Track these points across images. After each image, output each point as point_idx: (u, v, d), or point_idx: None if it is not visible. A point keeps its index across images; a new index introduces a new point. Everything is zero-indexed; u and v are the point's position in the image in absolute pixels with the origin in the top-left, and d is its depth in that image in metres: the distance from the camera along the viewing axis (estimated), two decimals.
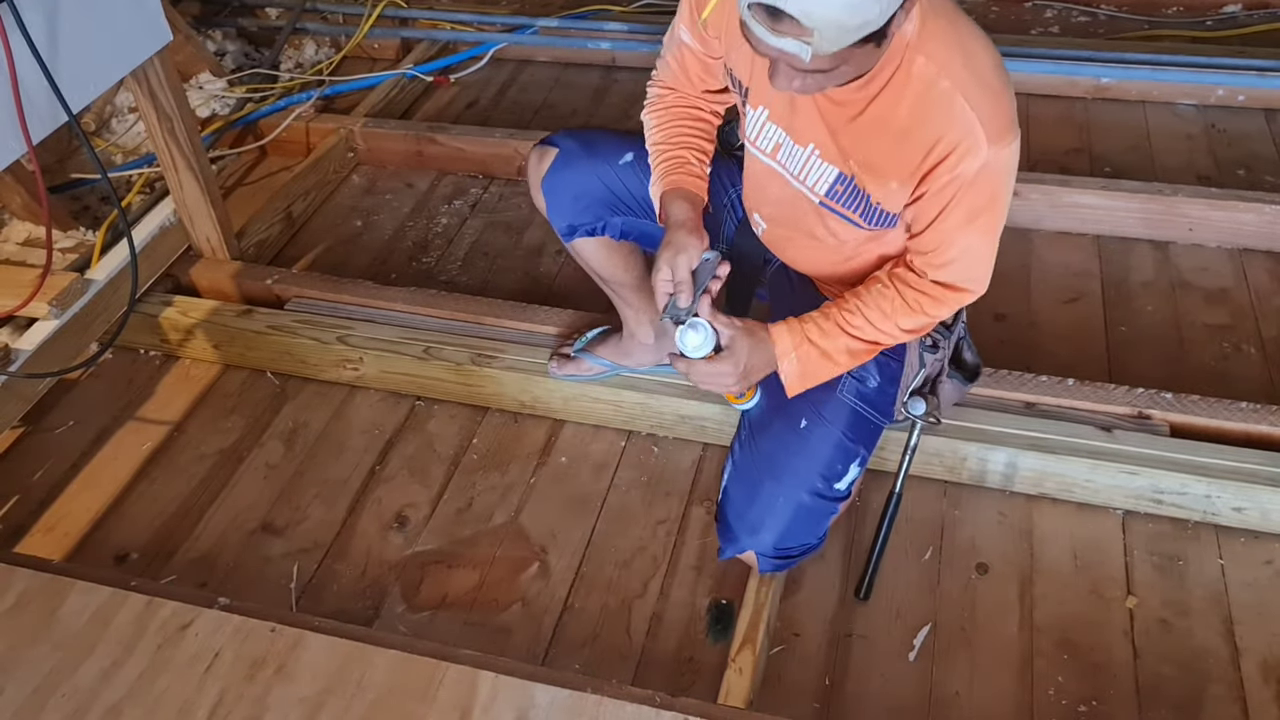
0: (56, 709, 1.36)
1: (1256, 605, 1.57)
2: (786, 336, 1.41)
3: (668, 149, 1.50)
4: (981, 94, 1.21)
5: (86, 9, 1.62)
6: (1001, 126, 1.22)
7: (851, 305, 1.40)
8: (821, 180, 1.37)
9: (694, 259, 1.40)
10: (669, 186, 1.48)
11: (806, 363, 1.41)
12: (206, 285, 2.18)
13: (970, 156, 1.22)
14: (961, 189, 1.25)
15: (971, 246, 1.32)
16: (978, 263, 1.35)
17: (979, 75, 1.22)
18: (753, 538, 1.50)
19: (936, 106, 1.22)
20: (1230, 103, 2.64)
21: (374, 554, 1.73)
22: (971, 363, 1.60)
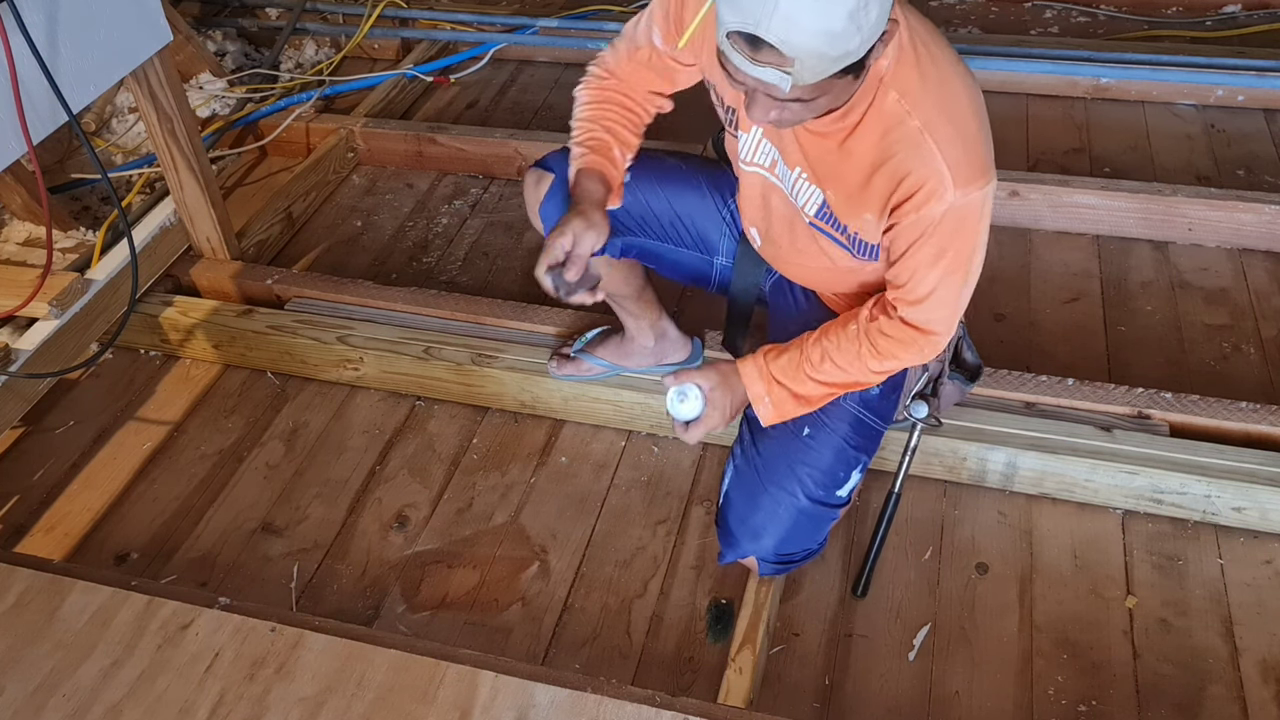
0: (57, 709, 1.36)
1: (1256, 605, 1.57)
2: (758, 381, 1.44)
3: (594, 130, 1.48)
4: (952, 136, 1.20)
5: (86, 9, 1.62)
6: (971, 171, 1.21)
7: (821, 350, 1.41)
8: (810, 201, 1.37)
9: (599, 241, 1.40)
10: (589, 165, 1.46)
11: (779, 404, 1.45)
12: (207, 285, 2.18)
13: (935, 200, 1.21)
14: (926, 228, 1.24)
15: (939, 285, 1.31)
16: (944, 304, 1.34)
17: (952, 116, 1.21)
18: (754, 543, 1.50)
19: (904, 145, 1.21)
20: (1230, 103, 2.64)
21: (374, 554, 1.73)
22: (972, 363, 1.60)
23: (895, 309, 1.35)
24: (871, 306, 1.39)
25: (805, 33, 1.03)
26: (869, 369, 1.40)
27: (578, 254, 1.38)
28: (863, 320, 1.39)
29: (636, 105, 1.51)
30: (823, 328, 1.43)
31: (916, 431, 1.57)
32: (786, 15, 1.02)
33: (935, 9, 3.20)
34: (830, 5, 1.02)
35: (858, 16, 1.03)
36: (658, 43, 1.43)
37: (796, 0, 1.01)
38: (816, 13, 1.02)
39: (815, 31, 1.03)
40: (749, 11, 1.03)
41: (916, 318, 1.34)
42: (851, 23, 1.03)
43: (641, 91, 1.51)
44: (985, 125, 1.24)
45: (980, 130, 1.23)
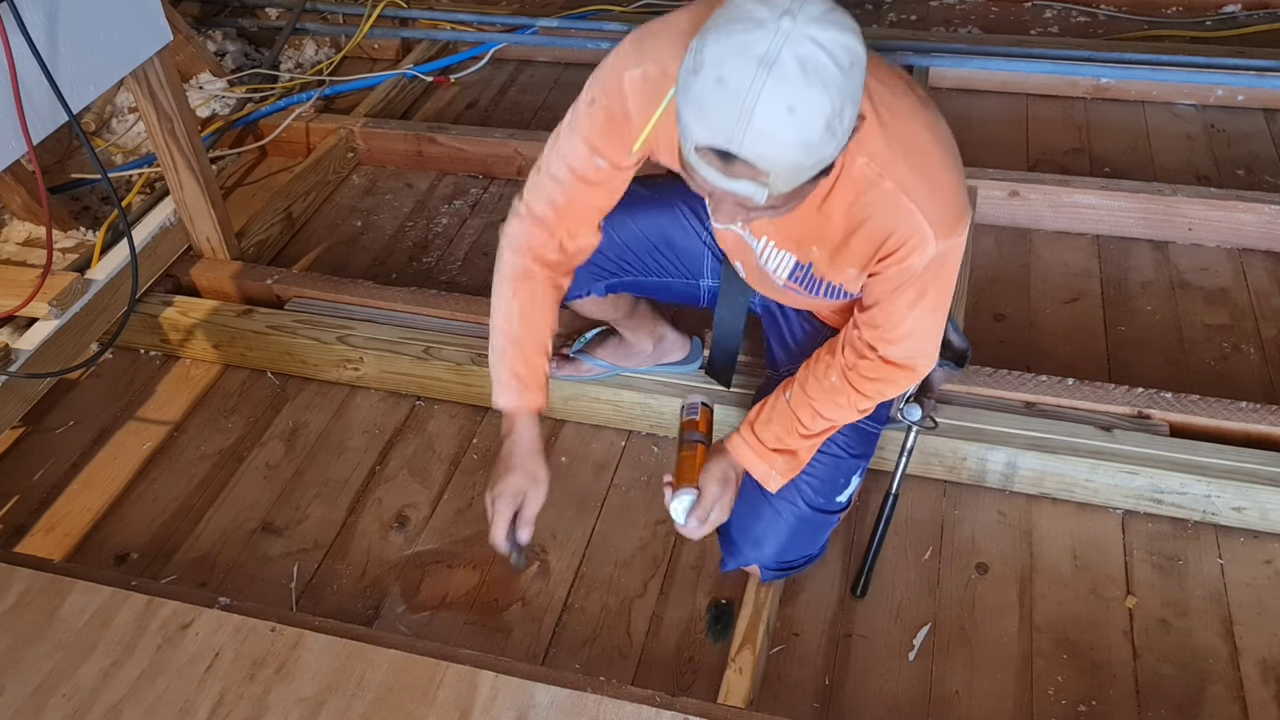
0: (56, 709, 1.36)
1: (1256, 605, 1.57)
2: (759, 461, 1.45)
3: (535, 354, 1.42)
4: (927, 191, 1.18)
5: (86, 9, 1.62)
6: (949, 220, 1.20)
7: (808, 411, 1.41)
8: (781, 266, 1.37)
9: (544, 496, 1.42)
10: (528, 405, 1.43)
11: (786, 471, 1.45)
12: (207, 285, 2.18)
13: (919, 252, 1.20)
14: (910, 276, 1.24)
15: (919, 324, 1.31)
16: (926, 340, 1.34)
17: (924, 171, 1.18)
18: (755, 551, 1.51)
19: (881, 207, 1.19)
20: (1230, 103, 2.64)
21: (374, 554, 1.73)
22: (959, 346, 1.60)
23: (875, 349, 1.34)
24: (845, 351, 1.37)
25: (781, 147, 0.98)
26: (858, 409, 1.40)
27: (525, 516, 1.41)
28: (841, 367, 1.38)
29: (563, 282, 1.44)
30: (800, 380, 1.43)
31: (913, 432, 1.57)
32: (761, 131, 0.96)
33: (935, 9, 3.20)
34: (807, 117, 0.96)
35: (834, 125, 0.98)
36: (601, 164, 1.32)
37: (771, 114, 0.96)
38: (793, 126, 0.97)
39: (791, 145, 0.98)
40: (720, 127, 0.97)
41: (896, 355, 1.34)
42: (828, 131, 0.98)
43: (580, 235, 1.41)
44: (956, 168, 1.21)
45: (953, 177, 1.20)
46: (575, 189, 1.35)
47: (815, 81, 0.96)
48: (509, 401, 1.44)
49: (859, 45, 0.99)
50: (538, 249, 1.40)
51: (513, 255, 1.41)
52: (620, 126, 1.28)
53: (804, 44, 0.95)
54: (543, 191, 1.37)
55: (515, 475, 1.42)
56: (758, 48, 0.95)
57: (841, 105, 0.98)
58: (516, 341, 1.42)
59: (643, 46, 1.25)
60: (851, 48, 0.98)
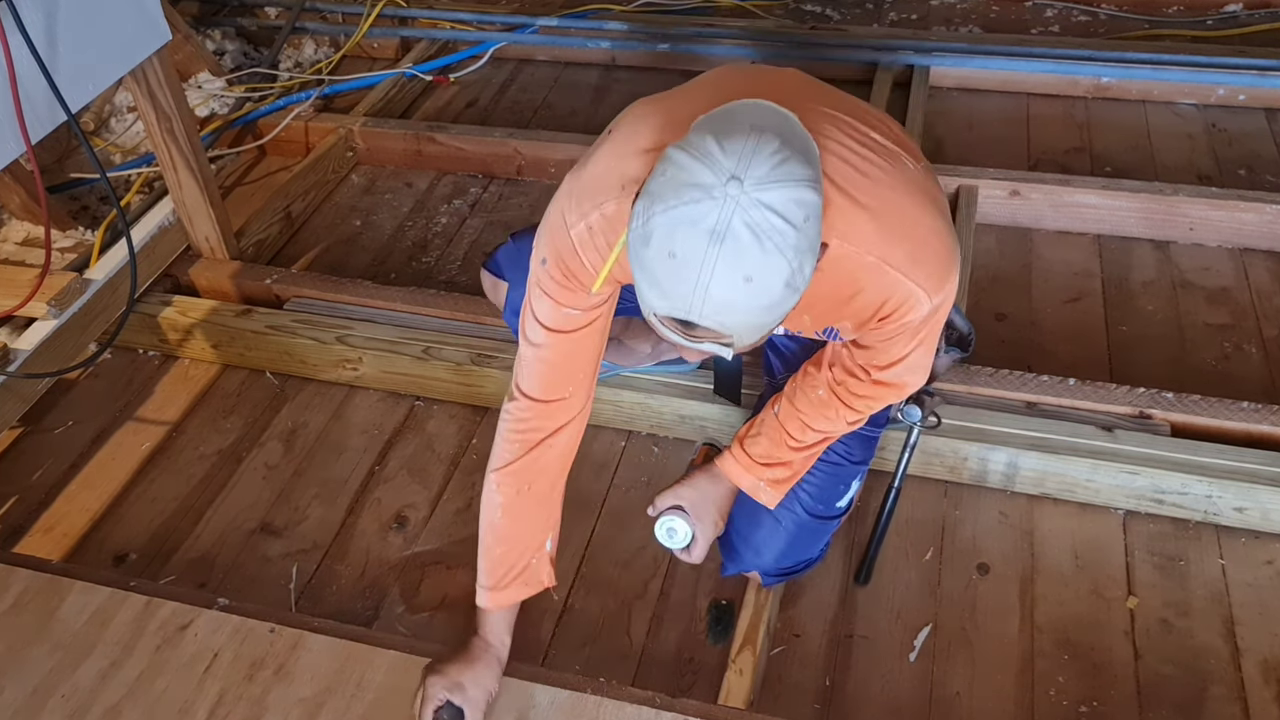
0: (56, 709, 1.36)
1: (1257, 605, 1.56)
2: (747, 475, 1.45)
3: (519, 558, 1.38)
4: (911, 257, 1.14)
5: (86, 9, 1.62)
6: (939, 277, 1.17)
7: (796, 424, 1.40)
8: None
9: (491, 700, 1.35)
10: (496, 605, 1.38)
11: (774, 485, 1.45)
12: (205, 285, 2.18)
13: (914, 312, 1.18)
14: (910, 330, 1.23)
15: (914, 353, 1.29)
16: (919, 366, 1.32)
17: (903, 235, 1.14)
18: (756, 558, 1.51)
19: (868, 276, 1.15)
20: (1231, 102, 2.63)
21: (374, 554, 1.73)
22: (962, 328, 1.59)
23: (866, 372, 1.33)
24: (834, 368, 1.36)
25: (741, 313, 0.94)
26: (848, 422, 1.40)
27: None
28: (828, 382, 1.36)
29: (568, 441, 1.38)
30: (788, 395, 1.42)
31: (916, 430, 1.56)
32: (719, 302, 0.93)
33: (935, 8, 3.20)
34: (764, 283, 0.93)
35: (794, 281, 0.95)
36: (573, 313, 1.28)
37: (728, 286, 0.92)
38: (751, 294, 0.93)
39: (752, 310, 0.95)
40: (678, 300, 0.94)
41: (887, 377, 1.32)
42: (788, 289, 0.95)
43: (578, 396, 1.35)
44: (936, 220, 1.17)
45: (935, 233, 1.16)
46: (559, 346, 1.30)
47: (770, 248, 0.92)
48: (481, 599, 1.39)
49: (811, 194, 0.94)
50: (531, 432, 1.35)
51: (500, 449, 1.36)
52: (579, 276, 1.24)
53: (754, 210, 0.91)
54: (529, 367, 1.33)
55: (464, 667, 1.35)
56: (706, 220, 0.91)
57: (800, 262, 0.94)
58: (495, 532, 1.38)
59: (579, 202, 1.20)
60: (804, 200, 0.93)
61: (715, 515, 1.48)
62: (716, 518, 1.48)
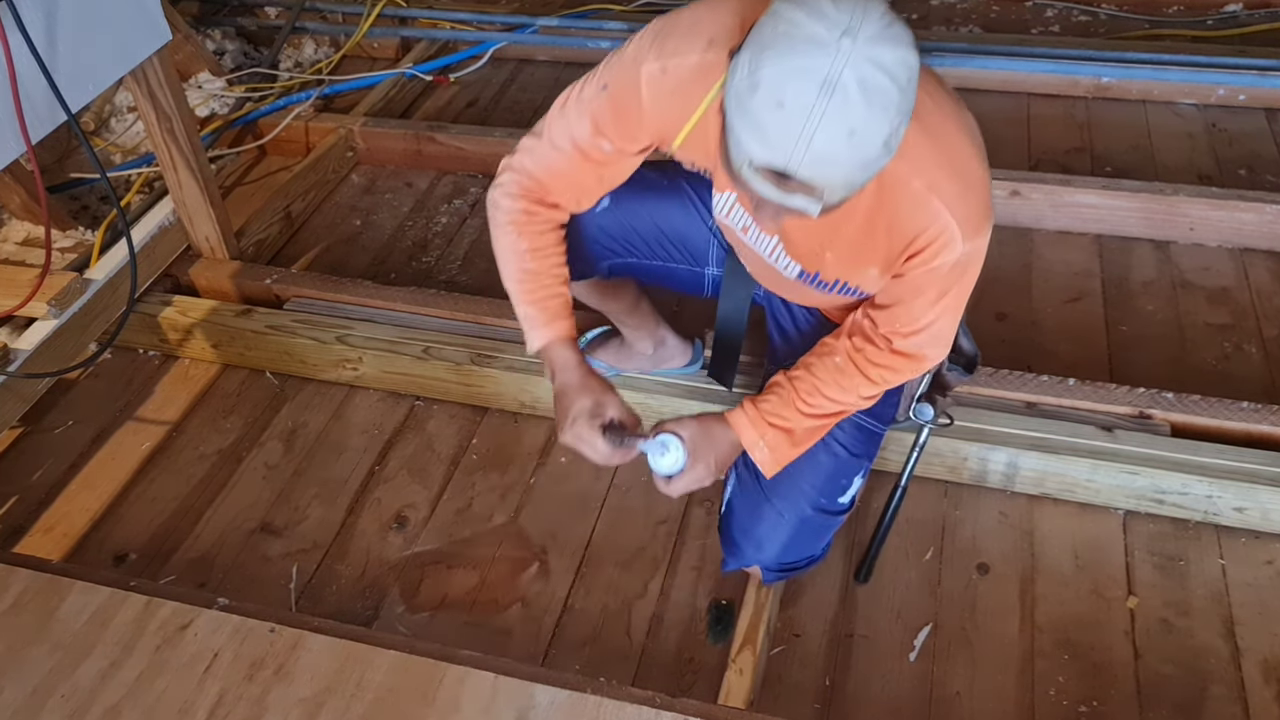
0: (56, 709, 1.35)
1: (1257, 605, 1.56)
2: (750, 428, 1.39)
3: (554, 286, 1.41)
4: (956, 191, 1.16)
5: (86, 8, 1.62)
6: (977, 221, 1.19)
7: (808, 386, 1.38)
8: (790, 267, 1.36)
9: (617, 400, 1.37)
10: (565, 333, 1.40)
11: (775, 449, 1.40)
12: (206, 285, 2.18)
13: (946, 251, 1.19)
14: (938, 278, 1.23)
15: (938, 319, 1.30)
16: (940, 337, 1.33)
17: (955, 168, 1.17)
18: (757, 552, 1.50)
19: (911, 207, 1.17)
20: (1231, 102, 2.63)
21: (374, 554, 1.73)
22: (969, 351, 1.59)
23: (890, 341, 1.33)
24: (853, 336, 1.36)
25: (839, 167, 0.98)
26: (860, 396, 1.38)
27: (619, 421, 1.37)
28: (846, 350, 1.36)
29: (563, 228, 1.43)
30: (803, 363, 1.41)
31: (926, 430, 1.56)
32: (821, 154, 0.96)
33: (936, 8, 3.20)
34: (866, 139, 0.96)
35: (890, 141, 0.99)
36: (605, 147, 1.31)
37: (832, 139, 0.95)
38: (852, 149, 0.96)
39: (850, 165, 0.98)
40: (780, 150, 0.97)
41: (907, 346, 1.32)
42: (885, 148, 0.99)
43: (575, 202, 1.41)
44: (986, 170, 1.21)
45: (983, 179, 1.20)
46: (575, 161, 1.33)
47: (876, 104, 0.95)
48: (540, 338, 1.41)
49: (914, 57, 0.98)
50: (534, 196, 1.38)
51: (510, 201, 1.38)
52: (630, 116, 1.26)
53: (865, 66, 0.94)
54: (540, 156, 1.35)
55: (577, 401, 1.36)
56: (818, 71, 0.94)
57: (899, 123, 0.99)
58: (533, 275, 1.40)
59: (664, 43, 1.23)
60: (909, 62, 0.97)
61: (712, 461, 1.39)
62: (713, 463, 1.39)
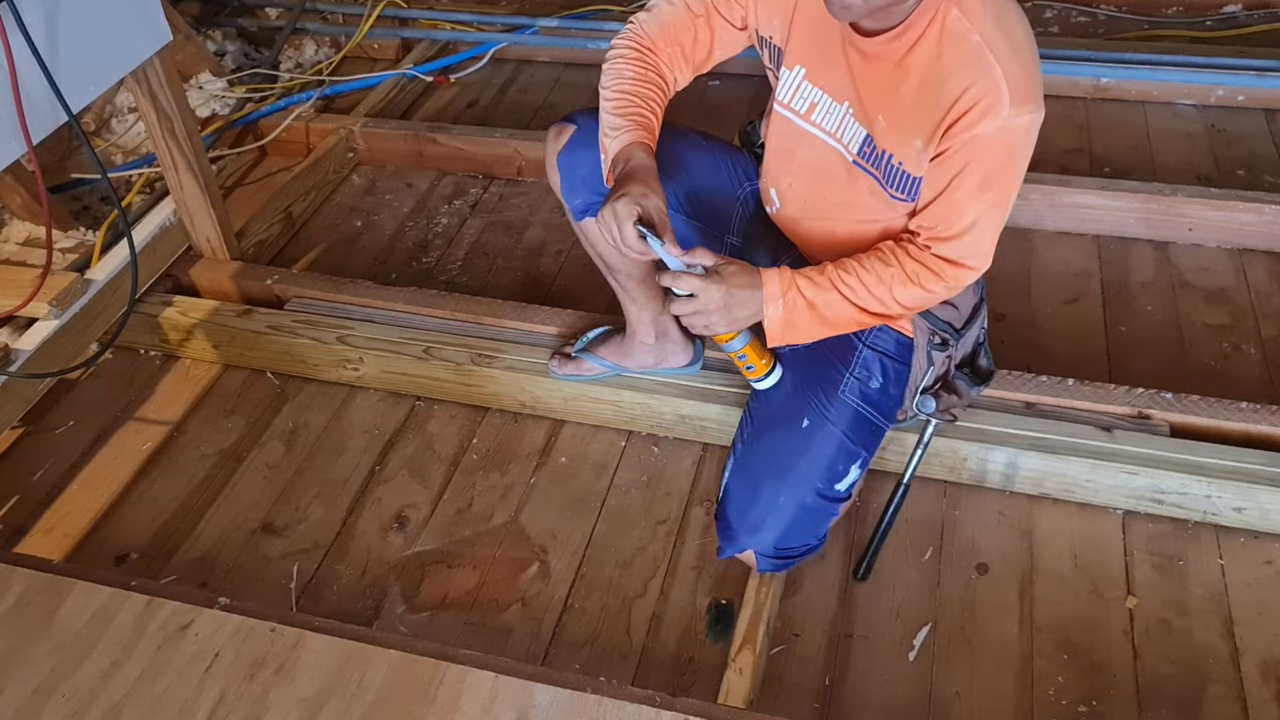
0: (56, 709, 1.36)
1: (1256, 605, 1.57)
2: (776, 281, 1.36)
3: (640, 106, 1.42)
4: (1011, 54, 1.23)
5: (86, 9, 1.62)
6: (1026, 90, 1.23)
7: (849, 265, 1.38)
8: (855, 139, 1.38)
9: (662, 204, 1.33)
10: (645, 140, 1.39)
11: (792, 311, 1.37)
12: (206, 285, 2.18)
13: (991, 114, 1.22)
14: (978, 150, 1.25)
15: (980, 219, 1.31)
16: (983, 237, 1.34)
17: (1010, 37, 1.24)
18: (753, 537, 1.50)
19: (965, 59, 1.23)
20: (1230, 103, 2.64)
21: (374, 554, 1.73)
22: (985, 369, 1.60)
23: (929, 247, 1.35)
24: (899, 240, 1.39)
25: None
26: (895, 298, 1.37)
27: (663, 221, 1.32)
28: (889, 245, 1.38)
29: (668, 86, 1.48)
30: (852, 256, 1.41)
31: (931, 426, 1.56)
32: None
33: None
34: None
35: None
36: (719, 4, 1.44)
37: None
38: None
39: None
40: None
41: (951, 252, 1.34)
42: None
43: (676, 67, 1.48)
44: (1037, 55, 1.26)
45: (1033, 55, 1.25)
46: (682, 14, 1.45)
47: None
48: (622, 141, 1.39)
49: None
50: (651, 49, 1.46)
51: (628, 42, 1.47)
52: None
53: None
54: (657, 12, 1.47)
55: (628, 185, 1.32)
56: None
57: None
58: (630, 95, 1.43)
59: None
60: None
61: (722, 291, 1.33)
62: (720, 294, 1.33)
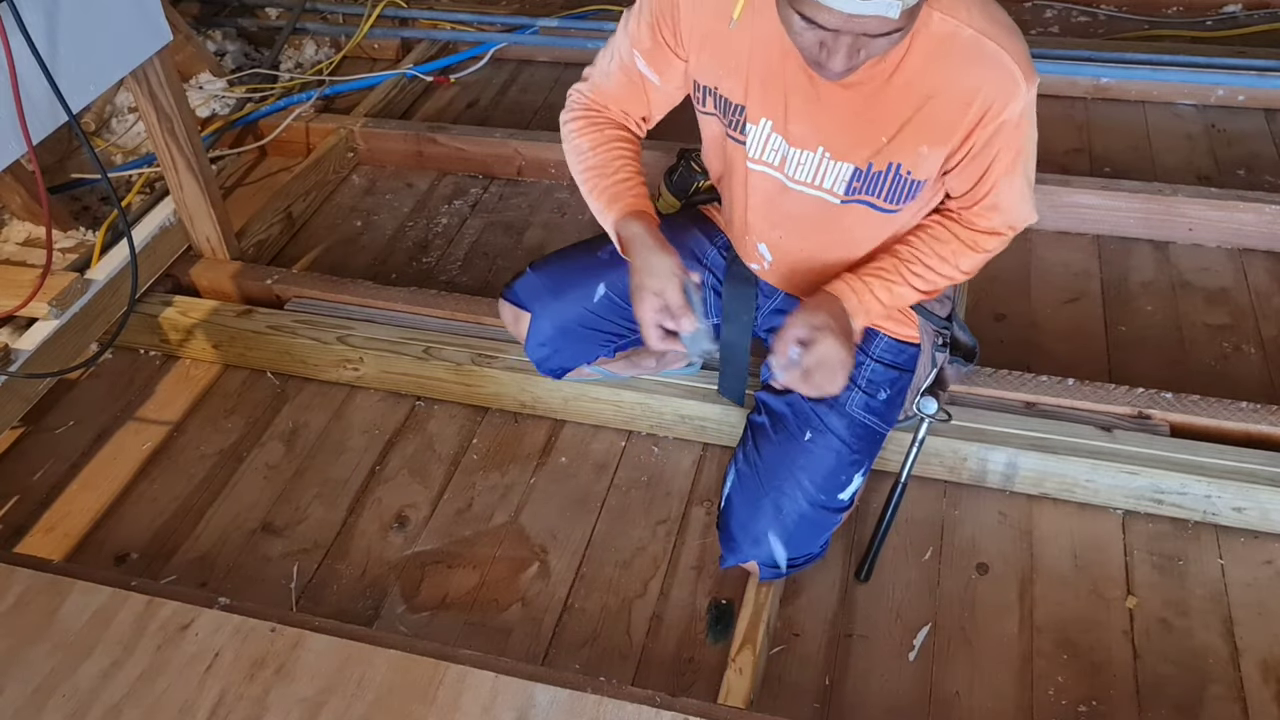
0: (56, 709, 1.36)
1: (1256, 605, 1.57)
2: (853, 298, 1.42)
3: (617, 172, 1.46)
4: (1006, 33, 1.22)
5: (86, 9, 1.62)
6: (1028, 64, 1.23)
7: (911, 256, 1.42)
8: (838, 180, 1.36)
9: (682, 279, 1.39)
10: (629, 209, 1.43)
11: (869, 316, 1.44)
12: (206, 285, 2.18)
13: (1013, 100, 1.23)
14: (1007, 135, 1.26)
15: (1015, 189, 1.34)
16: (1023, 201, 1.37)
17: (994, 17, 1.22)
18: (755, 548, 1.50)
19: (966, 57, 1.21)
20: (1230, 103, 2.64)
21: (374, 554, 1.73)
22: (967, 343, 1.60)
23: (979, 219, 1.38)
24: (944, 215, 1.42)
25: None
26: (959, 268, 1.43)
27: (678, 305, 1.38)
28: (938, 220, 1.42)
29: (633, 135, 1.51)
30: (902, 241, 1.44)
31: (925, 425, 1.56)
32: None
33: None
34: None
35: None
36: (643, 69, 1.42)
37: None
38: None
39: None
40: None
41: (1003, 220, 1.39)
42: None
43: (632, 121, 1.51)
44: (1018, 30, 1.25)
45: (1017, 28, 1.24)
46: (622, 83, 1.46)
47: None
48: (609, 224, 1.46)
49: None
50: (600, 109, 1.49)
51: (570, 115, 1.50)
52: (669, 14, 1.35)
53: None
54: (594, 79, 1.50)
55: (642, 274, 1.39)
56: None
57: None
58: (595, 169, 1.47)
59: None
60: None
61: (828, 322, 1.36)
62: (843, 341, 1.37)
